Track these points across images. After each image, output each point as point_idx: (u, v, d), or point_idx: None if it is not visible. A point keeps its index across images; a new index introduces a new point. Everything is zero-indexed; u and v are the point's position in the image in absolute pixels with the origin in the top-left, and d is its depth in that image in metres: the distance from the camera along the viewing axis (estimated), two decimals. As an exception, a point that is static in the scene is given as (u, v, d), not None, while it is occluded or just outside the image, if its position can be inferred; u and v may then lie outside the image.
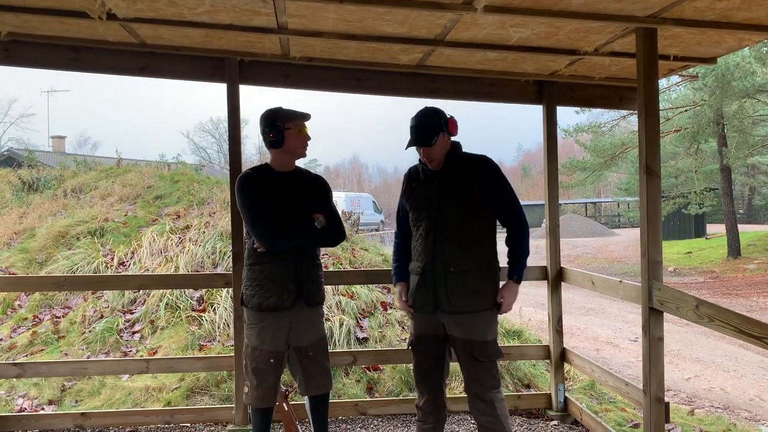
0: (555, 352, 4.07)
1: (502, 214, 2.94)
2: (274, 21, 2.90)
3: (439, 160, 2.88)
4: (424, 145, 2.83)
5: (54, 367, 3.99)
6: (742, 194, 43.76)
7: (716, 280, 16.54)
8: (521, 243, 2.93)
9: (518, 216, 2.94)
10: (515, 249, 2.93)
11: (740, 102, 16.77)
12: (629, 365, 7.17)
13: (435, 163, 2.89)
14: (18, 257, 6.71)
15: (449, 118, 2.88)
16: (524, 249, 2.94)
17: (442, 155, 2.88)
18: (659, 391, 2.87)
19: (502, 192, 2.92)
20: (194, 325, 5.16)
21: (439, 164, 2.90)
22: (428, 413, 3.00)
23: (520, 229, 2.93)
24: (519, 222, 2.93)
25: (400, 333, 5.23)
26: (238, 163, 3.71)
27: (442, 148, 2.86)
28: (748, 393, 6.22)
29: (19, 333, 5.38)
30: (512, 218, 2.93)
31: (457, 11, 2.59)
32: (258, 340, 2.94)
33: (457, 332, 2.84)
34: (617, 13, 2.62)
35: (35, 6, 2.83)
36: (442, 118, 2.86)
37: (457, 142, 2.96)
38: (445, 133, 2.85)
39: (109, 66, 3.62)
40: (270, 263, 2.91)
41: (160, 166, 11.47)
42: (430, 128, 2.82)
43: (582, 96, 4.05)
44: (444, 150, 2.88)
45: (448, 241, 2.84)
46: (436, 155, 2.86)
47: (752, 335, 2.27)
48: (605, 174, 25.29)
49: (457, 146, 2.96)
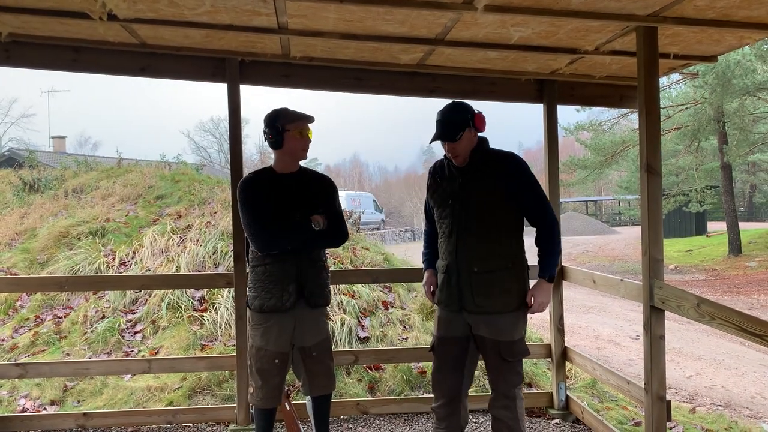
0: (556, 350, 4.08)
1: (530, 213, 2.86)
2: (274, 21, 2.91)
3: (465, 155, 2.83)
4: (448, 140, 2.78)
5: (56, 367, 4.00)
6: (743, 192, 43.75)
7: (717, 277, 16.53)
8: (551, 241, 2.86)
9: (547, 215, 2.86)
10: (545, 248, 2.86)
11: (741, 99, 16.75)
12: (631, 363, 7.17)
13: (460, 159, 2.84)
14: (19, 257, 6.71)
15: (476, 114, 2.81)
16: (554, 247, 2.87)
17: (467, 151, 2.83)
18: (661, 389, 2.87)
19: (530, 191, 2.84)
20: (196, 325, 5.16)
21: (464, 160, 2.85)
22: (441, 418, 2.95)
23: (549, 227, 2.86)
24: (548, 221, 2.86)
25: (401, 332, 5.24)
26: (239, 163, 3.71)
27: (467, 144, 2.81)
28: (749, 391, 6.22)
29: (21, 333, 5.39)
30: (541, 217, 2.86)
31: (457, 11, 2.59)
32: (263, 340, 2.95)
33: (485, 332, 2.80)
34: (617, 12, 2.62)
35: (36, 7, 2.84)
36: (469, 113, 2.80)
37: (484, 137, 2.90)
38: (471, 128, 2.79)
39: (109, 66, 3.62)
40: (271, 264, 2.91)
41: (161, 166, 11.47)
42: (455, 123, 2.77)
43: (582, 95, 4.05)
44: (470, 146, 2.82)
45: (471, 240, 2.78)
46: (462, 151, 2.81)
47: (753, 333, 2.27)
48: (606, 172, 25.27)
49: (484, 142, 2.89)
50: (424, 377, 4.58)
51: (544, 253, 2.87)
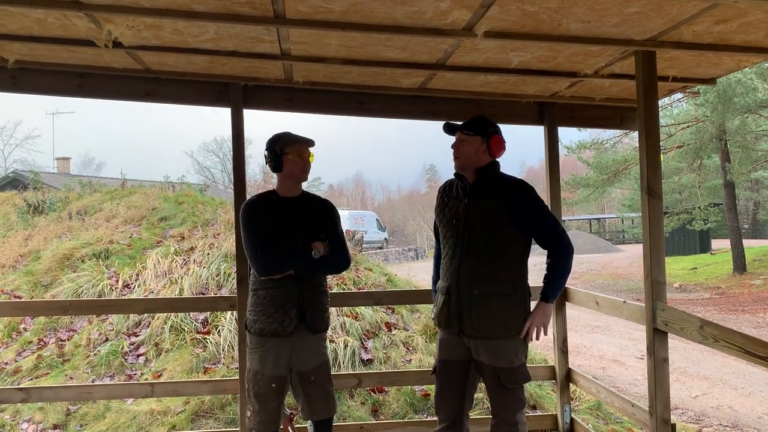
0: (560, 372, 4.06)
1: (539, 239, 2.86)
2: (277, 47, 2.95)
3: (464, 161, 2.86)
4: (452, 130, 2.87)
5: (59, 391, 3.99)
6: (746, 209, 43.66)
7: (722, 296, 16.44)
8: (560, 266, 2.84)
9: (557, 240, 2.84)
10: (552, 271, 2.85)
11: (742, 117, 16.80)
12: (636, 383, 7.12)
13: (458, 162, 2.88)
14: (23, 280, 6.73)
15: (495, 135, 2.84)
16: (561, 271, 2.85)
17: (469, 159, 2.85)
18: (665, 412, 2.86)
19: (537, 217, 2.83)
20: (199, 348, 5.15)
21: (462, 166, 2.88)
22: None
23: (560, 252, 2.84)
24: (559, 246, 2.84)
25: (404, 354, 5.22)
26: (242, 185, 3.73)
27: (471, 151, 2.84)
28: (756, 411, 6.16)
29: (24, 356, 5.39)
30: (551, 242, 2.84)
31: (457, 37, 2.63)
32: (260, 364, 2.95)
33: (484, 358, 2.79)
34: (616, 37, 2.66)
35: (43, 35, 2.88)
36: (489, 127, 2.85)
37: (496, 161, 2.91)
38: (484, 141, 2.83)
39: (114, 92, 3.65)
40: (273, 289, 2.92)
41: (165, 187, 11.54)
42: (469, 124, 2.85)
43: (583, 117, 4.07)
44: (474, 156, 2.84)
45: (473, 262, 2.78)
46: (462, 153, 2.85)
47: (757, 355, 2.27)
48: (609, 190, 25.26)
49: (495, 165, 2.91)
50: (427, 400, 4.55)
51: (550, 276, 2.86)
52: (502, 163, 2.95)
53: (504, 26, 2.54)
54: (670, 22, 2.46)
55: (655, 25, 2.51)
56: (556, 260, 2.85)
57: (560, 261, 2.85)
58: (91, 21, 2.59)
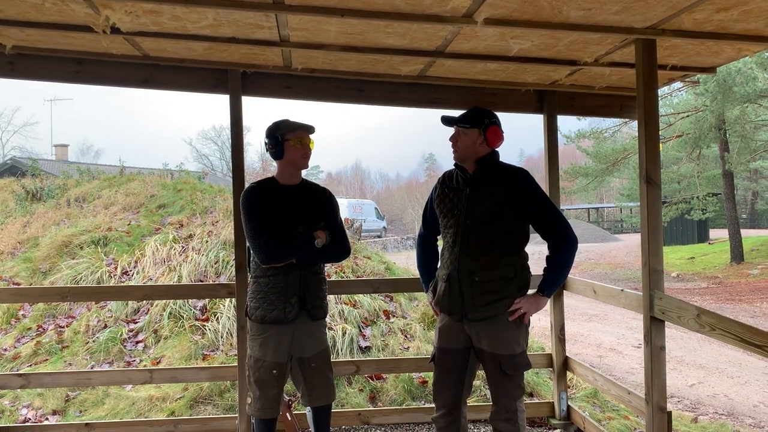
0: (558, 360, 4.08)
1: (539, 228, 2.84)
2: (276, 34, 2.93)
3: (462, 153, 2.87)
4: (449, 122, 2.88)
5: (58, 377, 4.00)
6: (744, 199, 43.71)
7: (719, 285, 16.49)
8: (559, 258, 2.82)
9: (561, 233, 2.81)
10: (551, 264, 2.84)
11: (742, 107, 16.79)
12: (633, 371, 7.15)
13: (457, 154, 2.89)
14: (22, 267, 6.74)
15: (493, 126, 2.84)
16: (562, 265, 2.82)
17: (467, 151, 2.85)
18: (661, 400, 2.88)
19: (537, 207, 2.82)
20: (197, 335, 5.17)
21: (461, 158, 2.88)
22: (442, 428, 2.96)
23: (563, 246, 2.82)
24: (563, 239, 2.81)
25: (402, 341, 5.24)
26: (241, 172, 3.73)
27: (469, 143, 2.84)
28: (752, 399, 6.20)
29: (23, 343, 5.40)
30: (553, 234, 2.81)
31: (457, 24, 2.62)
32: (261, 351, 2.96)
33: (486, 345, 2.80)
34: (616, 24, 2.64)
35: (40, 21, 2.86)
36: (486, 118, 2.84)
37: (495, 151, 2.91)
38: (481, 133, 2.83)
39: (112, 78, 3.64)
40: (274, 276, 2.93)
41: (163, 175, 11.50)
42: (467, 117, 2.85)
43: (582, 105, 4.06)
44: (472, 148, 2.84)
45: (474, 251, 2.79)
46: (460, 145, 2.86)
47: (754, 344, 2.28)
48: (607, 180, 25.27)
49: (494, 155, 2.91)
50: (425, 387, 4.58)
51: (550, 269, 2.86)
52: (500, 152, 2.95)
53: (504, 13, 2.52)
54: (670, 9, 2.45)
55: (655, 13, 2.49)
56: (558, 254, 2.83)
57: (562, 255, 2.83)
58: (89, 6, 2.57)
